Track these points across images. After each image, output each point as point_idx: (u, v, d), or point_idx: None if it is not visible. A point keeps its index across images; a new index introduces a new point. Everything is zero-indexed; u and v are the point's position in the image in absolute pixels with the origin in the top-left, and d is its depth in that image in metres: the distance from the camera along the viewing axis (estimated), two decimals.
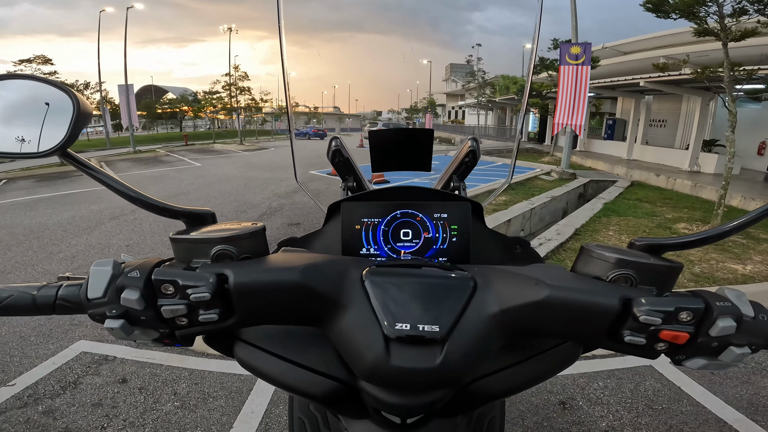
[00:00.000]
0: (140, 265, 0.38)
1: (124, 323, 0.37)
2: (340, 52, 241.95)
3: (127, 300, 0.36)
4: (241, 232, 0.42)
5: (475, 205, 0.57)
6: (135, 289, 0.37)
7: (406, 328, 0.35)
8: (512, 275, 0.40)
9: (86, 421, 1.99)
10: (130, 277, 0.37)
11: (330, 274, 0.39)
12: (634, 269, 0.39)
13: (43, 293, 0.41)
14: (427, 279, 0.39)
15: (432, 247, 0.56)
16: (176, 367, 2.43)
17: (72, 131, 0.41)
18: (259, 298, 0.38)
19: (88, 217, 6.49)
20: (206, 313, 0.37)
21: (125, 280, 0.37)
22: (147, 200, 0.45)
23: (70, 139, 0.41)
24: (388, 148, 0.79)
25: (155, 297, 0.37)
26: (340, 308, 0.37)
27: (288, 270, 0.38)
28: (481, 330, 0.36)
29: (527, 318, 0.37)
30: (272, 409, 2.06)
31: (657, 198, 7.90)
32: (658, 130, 15.27)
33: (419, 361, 0.35)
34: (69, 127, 0.41)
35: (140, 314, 0.37)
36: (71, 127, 0.41)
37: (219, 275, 0.37)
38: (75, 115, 0.40)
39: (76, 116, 0.40)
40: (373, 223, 0.56)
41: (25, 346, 2.70)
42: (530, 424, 1.99)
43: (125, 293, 0.36)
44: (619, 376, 2.38)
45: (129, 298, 0.36)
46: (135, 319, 0.38)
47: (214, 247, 0.40)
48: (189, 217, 0.47)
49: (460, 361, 0.35)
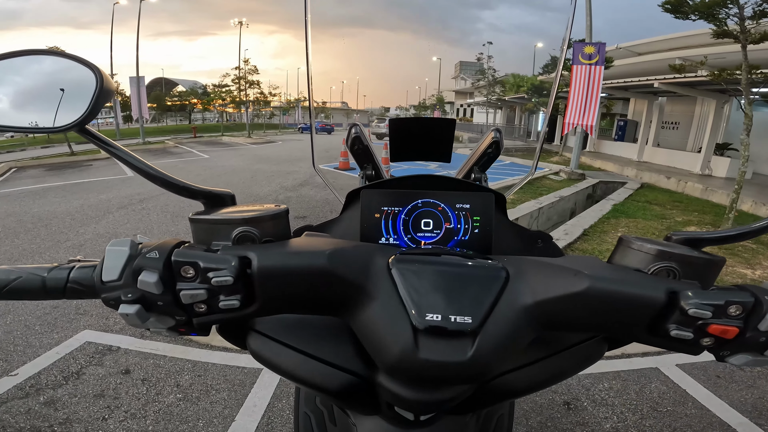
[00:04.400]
0: (159, 245, 0.36)
1: (140, 309, 0.35)
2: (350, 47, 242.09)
3: (145, 283, 0.34)
4: (263, 214, 0.40)
5: (499, 196, 0.55)
6: (153, 271, 0.34)
7: (437, 318, 0.33)
8: (547, 266, 0.38)
9: (87, 412, 2.00)
10: (148, 258, 0.35)
11: (357, 261, 0.37)
12: (677, 262, 0.37)
13: (53, 275, 0.38)
14: (456, 268, 0.37)
15: (453, 237, 0.54)
16: (179, 359, 2.43)
17: (93, 107, 0.39)
18: (283, 283, 0.35)
19: (96, 206, 6.54)
20: (227, 299, 0.35)
21: (143, 261, 0.35)
22: (166, 179, 0.43)
23: (91, 114, 0.39)
24: (408, 137, 0.77)
25: (174, 280, 0.35)
26: (365, 297, 0.35)
27: (314, 254, 0.36)
28: (515, 323, 0.34)
29: (564, 311, 0.35)
30: (275, 402, 2.06)
31: (667, 201, 7.82)
32: (670, 132, 15.14)
33: (449, 354, 0.33)
34: (91, 102, 0.39)
35: (157, 299, 0.35)
36: (93, 102, 0.39)
37: (242, 258, 0.35)
38: (97, 90, 0.39)
39: (98, 92, 0.39)
40: (393, 212, 0.54)
41: (30, 335, 2.71)
42: (534, 423, 1.98)
43: (143, 275, 0.34)
44: (625, 377, 2.36)
45: (147, 281, 0.34)
46: (151, 304, 0.35)
47: (236, 229, 0.38)
48: (208, 198, 0.45)
49: (491, 355, 0.33)
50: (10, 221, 5.66)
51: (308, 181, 9.13)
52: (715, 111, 11.04)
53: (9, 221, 5.66)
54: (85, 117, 0.39)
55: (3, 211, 6.29)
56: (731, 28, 5.36)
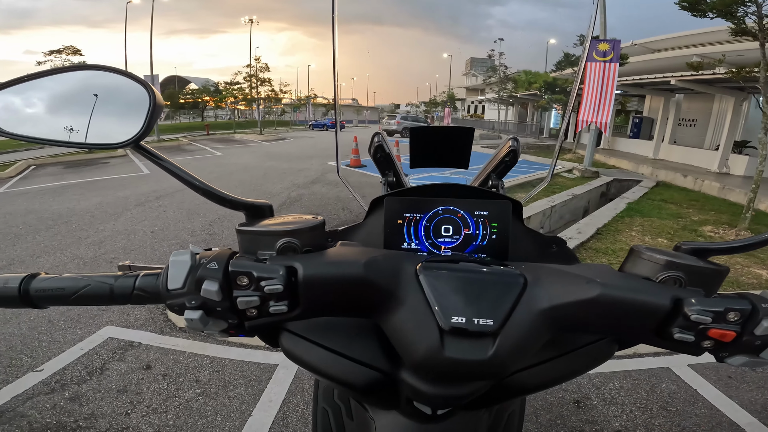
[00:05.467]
0: (216, 256, 0.40)
1: (202, 314, 0.38)
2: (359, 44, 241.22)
3: (208, 291, 0.38)
4: (303, 226, 0.44)
5: (515, 203, 0.59)
6: (215, 280, 0.38)
7: (462, 321, 0.36)
8: (562, 273, 0.41)
9: (111, 407, 2.07)
10: (209, 269, 0.38)
11: (388, 268, 0.40)
12: (684, 271, 0.40)
13: (120, 283, 0.42)
14: (478, 275, 0.41)
15: (472, 243, 0.57)
16: (198, 355, 2.50)
17: (148, 124, 0.42)
18: (324, 290, 0.39)
19: (114, 204, 6.68)
20: (277, 304, 0.39)
21: (205, 271, 0.38)
22: (212, 191, 0.47)
23: (146, 131, 0.42)
24: (428, 145, 0.80)
25: (230, 288, 0.39)
26: (396, 301, 0.39)
27: (351, 264, 0.40)
28: (532, 325, 0.37)
29: (577, 315, 0.39)
30: (290, 398, 2.12)
31: (683, 199, 7.68)
32: (686, 130, 14.84)
33: (472, 353, 0.36)
34: (146, 119, 0.42)
35: (217, 305, 0.39)
36: (147, 119, 0.42)
37: (288, 268, 0.39)
38: (151, 107, 0.41)
39: (152, 109, 0.41)
40: (415, 218, 0.57)
41: (54, 332, 2.80)
42: (544, 421, 2.01)
43: (206, 284, 0.38)
44: (636, 377, 2.37)
45: (210, 290, 0.37)
46: (211, 309, 0.39)
47: (279, 240, 0.42)
48: (249, 210, 0.48)
49: (509, 355, 0.36)
50: (30, 218, 5.81)
51: (320, 178, 9.18)
52: (733, 108, 10.79)
53: (29, 218, 5.81)
54: (141, 134, 0.43)
55: (23, 208, 6.46)
56: (749, 26, 5.24)
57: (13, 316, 2.96)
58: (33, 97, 0.44)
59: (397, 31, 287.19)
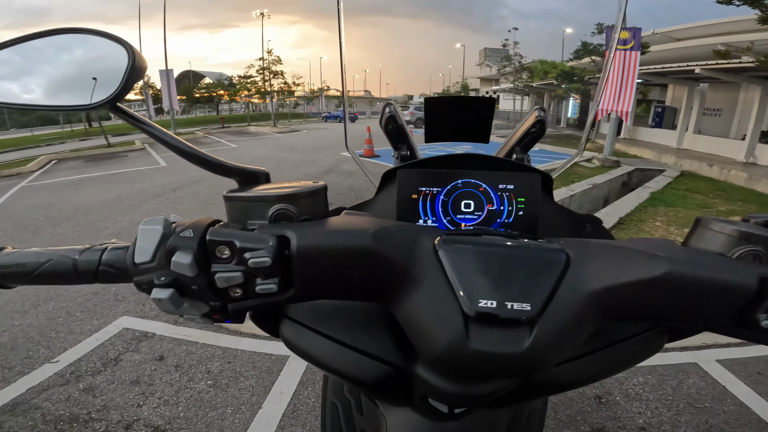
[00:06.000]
0: (193, 224, 0.34)
1: (173, 293, 0.33)
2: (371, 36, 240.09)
3: (179, 264, 0.32)
4: (301, 190, 0.37)
5: (545, 176, 0.52)
6: (188, 251, 0.32)
7: (492, 305, 0.30)
8: (612, 248, 0.34)
9: (124, 399, 2.07)
10: (182, 237, 0.32)
11: (402, 241, 0.34)
12: (763, 246, 0.33)
13: (85, 257, 0.37)
14: (510, 250, 0.34)
15: (496, 220, 0.51)
16: (210, 345, 2.50)
17: (125, 84, 0.38)
18: (323, 265, 0.33)
19: (132, 196, 6.80)
20: (264, 282, 0.33)
21: (177, 240, 0.32)
22: (200, 155, 0.42)
23: (122, 91, 0.38)
24: (445, 117, 0.73)
25: (208, 262, 0.33)
26: (410, 281, 0.33)
27: (357, 233, 0.33)
28: (578, 311, 0.31)
29: (636, 298, 0.32)
30: (301, 390, 2.09)
31: (709, 189, 7.42)
32: (711, 119, 14.47)
33: (504, 345, 0.30)
34: (123, 79, 0.38)
35: (191, 282, 0.33)
36: (125, 79, 0.38)
37: (280, 237, 0.33)
38: (129, 67, 0.38)
39: (130, 68, 0.38)
40: (431, 193, 0.51)
41: (71, 322, 2.84)
42: (563, 417, 1.94)
43: (176, 256, 0.32)
44: (662, 372, 2.28)
45: (180, 262, 0.32)
46: (185, 288, 0.33)
47: (273, 206, 0.36)
48: (242, 176, 0.43)
49: (550, 346, 0.30)
50: (51, 211, 5.96)
51: (333, 168, 9.18)
52: (760, 98, 10.42)
53: (50, 211, 5.97)
54: (117, 94, 0.38)
55: (44, 201, 6.64)
56: None
57: (32, 306, 3.02)
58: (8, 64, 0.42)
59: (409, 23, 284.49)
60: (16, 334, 2.68)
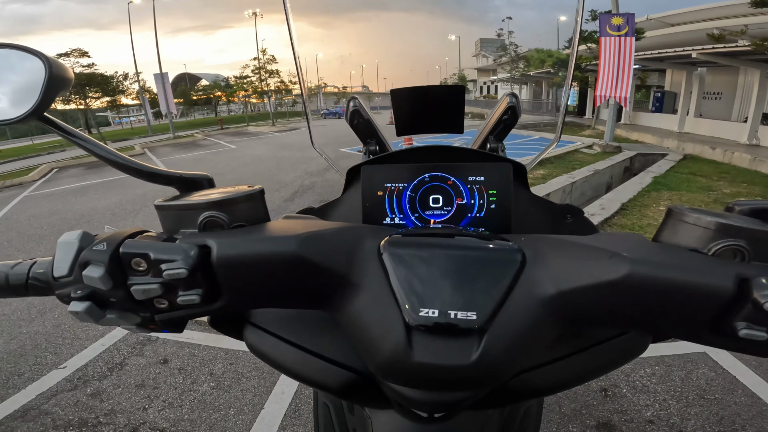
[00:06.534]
0: (111, 236, 0.33)
1: (90, 306, 0.31)
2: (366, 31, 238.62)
3: (90, 278, 0.31)
4: (233, 196, 0.36)
5: (518, 166, 0.49)
6: (99, 264, 0.31)
7: (434, 314, 0.28)
8: (573, 246, 0.32)
9: (130, 402, 2.08)
10: (94, 251, 0.31)
11: (338, 245, 0.32)
12: (746, 239, 0.29)
13: (15, 271, 0.36)
14: (460, 251, 0.32)
15: (467, 215, 0.48)
16: (213, 347, 2.50)
17: (44, 94, 0.37)
18: (248, 274, 0.31)
19: (133, 201, 6.82)
20: (185, 294, 0.31)
21: (89, 254, 0.31)
22: (135, 166, 0.40)
23: (44, 102, 0.37)
24: (413, 108, 0.70)
25: (125, 275, 0.32)
26: (350, 288, 0.31)
27: (284, 239, 0.32)
28: (532, 318, 0.29)
29: (596, 303, 0.29)
30: (302, 390, 2.09)
31: (712, 172, 7.33)
32: (712, 103, 14.45)
33: (449, 357, 0.28)
34: (41, 90, 0.37)
35: (109, 295, 0.32)
36: (43, 90, 0.37)
37: (201, 247, 0.31)
38: (47, 77, 0.38)
39: (47, 79, 0.38)
40: (397, 189, 0.49)
41: (77, 328, 2.85)
42: (567, 411, 1.90)
43: (87, 270, 0.31)
44: (669, 363, 2.23)
45: (91, 276, 0.30)
46: (104, 301, 0.32)
47: (202, 214, 0.35)
48: (183, 183, 0.41)
49: (502, 357, 0.28)
50: (54, 219, 5.99)
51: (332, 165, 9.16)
52: (759, 80, 10.34)
53: (53, 219, 5.99)
54: (38, 105, 0.37)
55: (47, 209, 6.66)
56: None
57: (38, 314, 3.04)
58: None
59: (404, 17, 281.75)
60: (24, 342, 2.70)
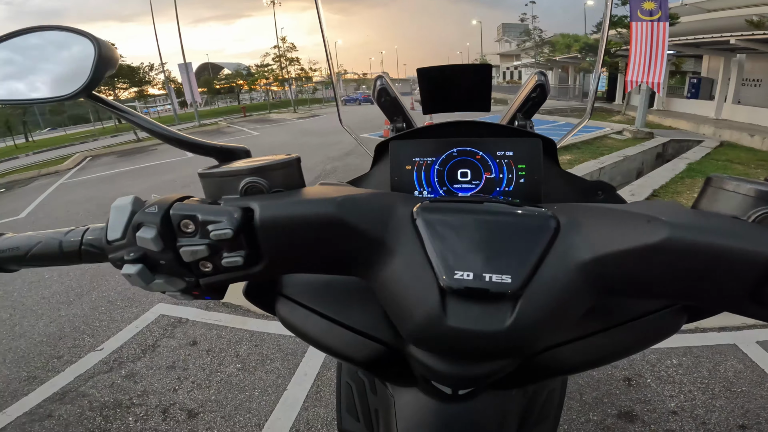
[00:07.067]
0: (161, 200, 0.34)
1: (142, 269, 0.33)
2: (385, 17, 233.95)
3: (143, 239, 0.32)
4: (272, 163, 0.37)
5: (547, 141, 0.49)
6: (151, 226, 0.32)
7: (468, 277, 0.28)
8: (609, 212, 0.31)
9: (161, 383, 2.16)
10: (147, 213, 0.33)
11: (374, 209, 0.33)
12: None
13: (68, 238, 0.38)
14: (494, 217, 0.32)
15: (495, 189, 0.48)
16: (239, 329, 2.58)
17: (94, 73, 0.39)
18: (289, 236, 0.32)
19: (163, 186, 7.07)
20: (229, 255, 0.32)
21: (142, 216, 0.33)
22: (178, 137, 0.43)
23: (93, 80, 0.39)
24: (441, 87, 0.70)
25: (174, 237, 0.33)
26: (385, 252, 0.31)
27: (323, 202, 0.32)
28: (567, 284, 0.28)
29: (632, 270, 0.28)
30: (324, 372, 2.14)
31: (751, 159, 6.96)
32: (751, 90, 13.73)
33: (483, 322, 0.28)
34: (91, 69, 0.39)
35: (159, 257, 0.33)
36: (93, 69, 0.39)
37: (244, 209, 0.33)
38: (96, 57, 0.40)
39: (97, 58, 0.39)
40: (425, 163, 0.49)
41: (113, 311, 2.97)
42: (588, 399, 1.88)
43: (141, 231, 0.32)
44: (698, 354, 2.17)
45: (144, 237, 0.32)
46: (155, 264, 0.34)
47: (243, 180, 0.36)
48: (222, 154, 0.43)
49: (536, 324, 0.28)
50: (89, 205, 6.26)
51: (353, 150, 9.18)
52: None
53: (89, 205, 6.26)
54: (88, 84, 0.39)
55: (82, 196, 6.97)
56: None
57: (76, 297, 3.21)
58: None
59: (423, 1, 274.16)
60: (63, 324, 2.84)
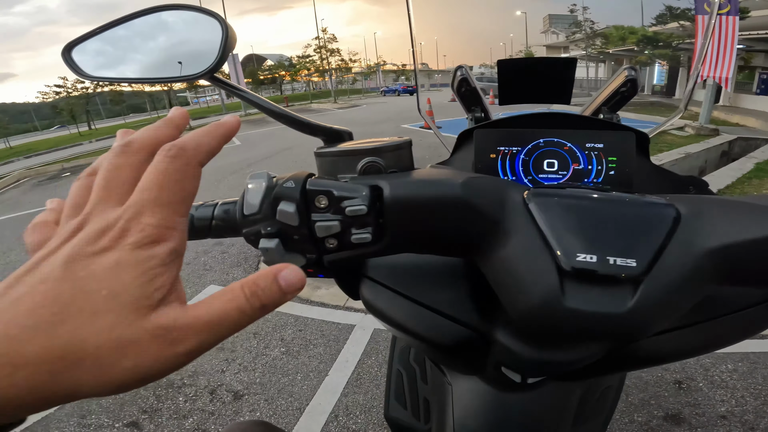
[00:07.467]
0: (294, 176, 0.35)
1: (278, 243, 0.34)
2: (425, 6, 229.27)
3: (284, 213, 0.33)
4: (387, 144, 0.38)
5: (641, 135, 0.46)
6: (291, 201, 0.33)
7: (591, 260, 0.28)
8: (729, 203, 0.30)
9: (210, 365, 2.23)
10: (285, 188, 0.34)
11: (492, 192, 0.33)
12: None
13: (200, 214, 0.39)
14: (609, 203, 0.31)
15: (584, 180, 0.46)
16: (284, 313, 2.66)
17: (221, 55, 0.40)
18: (414, 215, 0.33)
19: (213, 173, 7.40)
20: (359, 232, 0.33)
21: (281, 191, 0.34)
22: (290, 116, 0.44)
23: (219, 62, 0.40)
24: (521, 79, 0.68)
25: (308, 212, 0.34)
26: (502, 233, 0.31)
27: (448, 183, 0.32)
28: (689, 271, 0.28)
29: (759, 259, 0.28)
30: (365, 359, 2.17)
31: None
32: None
33: (603, 305, 0.27)
34: (219, 51, 0.40)
35: (294, 232, 0.34)
36: (221, 51, 0.40)
37: (373, 187, 0.33)
38: (224, 39, 0.40)
39: (225, 40, 0.40)
40: (510, 152, 0.48)
41: None
42: (635, 400, 1.83)
43: (281, 206, 0.33)
44: (754, 360, 2.04)
45: (286, 211, 0.33)
46: (288, 238, 0.35)
47: (362, 160, 0.38)
48: (328, 134, 0.45)
49: (656, 310, 0.27)
50: None
51: None
52: None
53: None
54: (215, 65, 0.40)
55: None
56: None
57: None
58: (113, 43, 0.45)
59: None
60: None
